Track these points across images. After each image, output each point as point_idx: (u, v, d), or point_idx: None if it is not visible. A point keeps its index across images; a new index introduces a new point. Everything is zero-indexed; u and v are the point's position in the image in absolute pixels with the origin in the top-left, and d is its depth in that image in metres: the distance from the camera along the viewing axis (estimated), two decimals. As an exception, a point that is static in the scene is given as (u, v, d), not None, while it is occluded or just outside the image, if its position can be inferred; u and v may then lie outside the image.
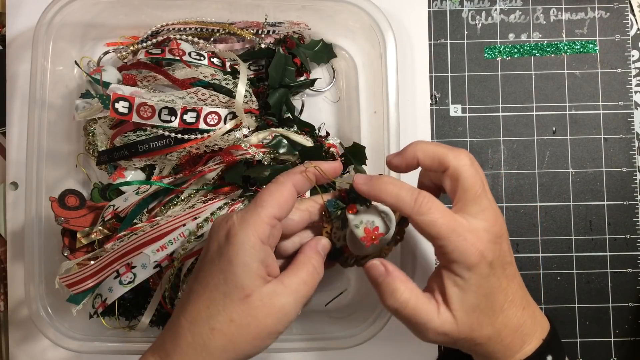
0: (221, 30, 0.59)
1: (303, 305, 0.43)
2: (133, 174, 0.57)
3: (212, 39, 0.60)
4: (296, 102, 0.61)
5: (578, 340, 0.62)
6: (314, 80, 0.61)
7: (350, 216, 0.45)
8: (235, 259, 0.40)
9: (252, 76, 0.59)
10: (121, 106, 0.52)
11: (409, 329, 0.44)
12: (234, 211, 0.48)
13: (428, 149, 0.45)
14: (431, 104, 0.63)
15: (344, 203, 0.46)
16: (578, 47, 0.64)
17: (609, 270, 0.62)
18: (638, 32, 0.64)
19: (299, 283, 0.42)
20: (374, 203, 0.46)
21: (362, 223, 0.45)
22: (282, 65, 0.58)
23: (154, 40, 0.58)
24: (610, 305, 0.62)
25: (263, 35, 0.59)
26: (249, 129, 0.56)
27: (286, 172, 0.45)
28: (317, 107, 0.62)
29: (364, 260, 0.48)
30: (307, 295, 0.43)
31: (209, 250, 0.42)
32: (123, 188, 0.57)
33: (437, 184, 0.48)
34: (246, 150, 0.54)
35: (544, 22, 0.64)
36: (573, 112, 0.63)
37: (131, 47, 0.58)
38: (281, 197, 0.42)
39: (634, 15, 0.64)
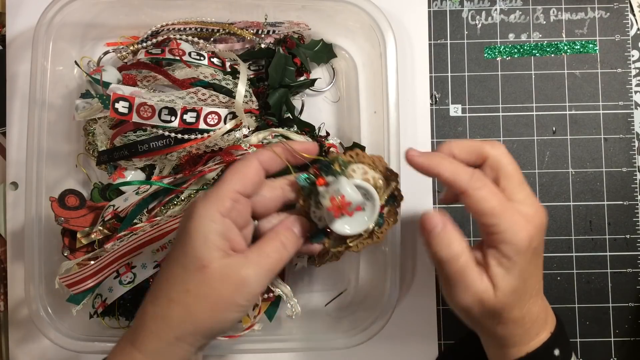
0: (221, 30, 0.59)
1: (268, 279, 0.42)
2: (133, 174, 0.57)
3: (212, 39, 0.60)
4: (296, 102, 0.61)
5: (578, 340, 0.62)
6: (314, 80, 0.61)
7: (320, 188, 0.44)
8: (193, 231, 0.40)
9: (252, 76, 0.59)
10: (121, 106, 0.52)
11: (445, 288, 0.44)
12: None
13: (463, 144, 0.45)
14: (431, 104, 0.63)
15: (313, 177, 0.45)
16: (578, 47, 0.64)
17: (609, 270, 0.62)
18: (638, 32, 0.64)
19: (261, 256, 0.42)
20: (353, 178, 0.45)
21: (329, 193, 0.43)
22: (282, 65, 0.58)
23: (154, 40, 0.58)
24: (610, 305, 0.62)
25: (263, 35, 0.59)
26: (249, 129, 0.56)
27: (256, 150, 0.45)
28: (317, 107, 0.62)
29: (341, 253, 0.47)
30: (271, 269, 0.42)
31: (177, 230, 0.43)
32: (123, 188, 0.57)
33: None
34: (246, 150, 0.54)
35: (544, 22, 0.64)
36: (573, 112, 0.63)
37: (131, 47, 0.58)
38: (245, 173, 0.43)
39: (634, 15, 0.64)
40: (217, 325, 0.41)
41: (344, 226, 0.45)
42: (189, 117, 0.53)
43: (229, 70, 0.58)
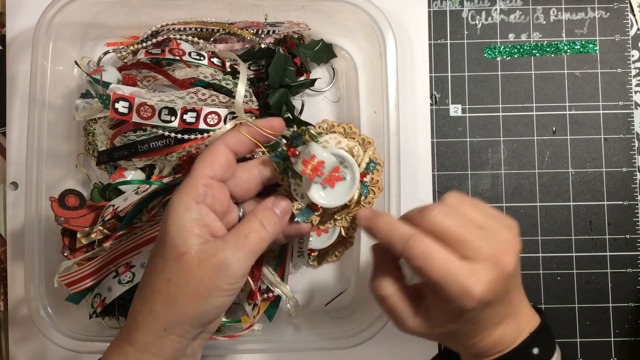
0: (221, 30, 0.59)
1: (249, 261, 0.41)
2: (133, 174, 0.57)
3: (212, 39, 0.59)
4: (296, 102, 0.61)
5: (578, 340, 0.62)
6: (314, 80, 0.61)
7: (293, 159, 0.43)
8: (169, 221, 0.40)
9: (252, 76, 0.59)
10: (121, 106, 0.52)
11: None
12: None
13: (393, 224, 0.43)
14: (431, 104, 0.63)
15: (285, 151, 0.44)
16: (578, 47, 0.64)
17: (609, 270, 0.62)
18: (638, 32, 0.64)
19: (239, 237, 0.41)
20: (329, 146, 0.44)
21: (300, 158, 0.42)
22: (282, 65, 0.58)
23: (154, 40, 0.58)
24: (610, 305, 0.62)
25: (263, 35, 0.59)
26: (248, 129, 0.56)
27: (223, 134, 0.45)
28: (317, 107, 0.62)
29: (340, 247, 0.48)
30: (250, 250, 0.41)
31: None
32: (123, 188, 0.57)
33: None
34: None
35: (544, 22, 0.64)
36: (573, 112, 0.63)
37: (131, 47, 0.58)
38: (213, 157, 0.43)
39: (634, 15, 0.64)
40: (202, 312, 0.41)
41: (321, 195, 0.44)
42: (189, 117, 0.53)
43: (229, 70, 0.58)
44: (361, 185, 0.45)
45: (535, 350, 0.43)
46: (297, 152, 0.43)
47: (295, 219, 0.45)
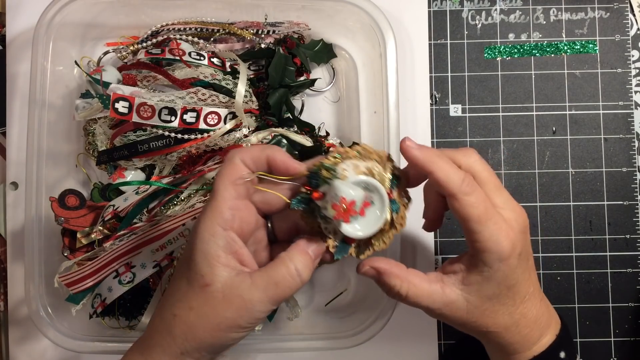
0: (221, 30, 0.59)
1: (273, 306, 0.40)
2: (133, 174, 0.57)
3: (212, 39, 0.60)
4: (296, 102, 0.61)
5: (578, 340, 0.62)
6: (314, 80, 0.61)
7: (319, 203, 0.41)
8: (196, 247, 0.40)
9: (252, 76, 0.59)
10: (121, 106, 0.52)
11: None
12: None
13: (436, 152, 0.44)
14: (431, 104, 0.63)
15: (308, 194, 0.41)
16: (578, 47, 0.64)
17: (609, 270, 0.62)
18: (638, 32, 0.64)
19: (270, 283, 0.40)
20: (347, 178, 0.41)
21: (329, 202, 0.40)
22: (282, 65, 0.58)
23: (154, 40, 0.58)
24: (610, 305, 0.62)
25: (263, 35, 0.59)
26: (249, 129, 0.56)
27: (240, 148, 0.43)
28: (317, 107, 0.62)
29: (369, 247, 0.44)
30: (278, 296, 0.40)
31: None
32: (123, 188, 0.57)
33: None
34: (246, 150, 0.54)
35: (544, 22, 0.64)
36: (573, 112, 0.63)
37: (131, 47, 0.58)
38: (232, 175, 0.41)
39: (634, 15, 0.64)
40: (219, 343, 0.40)
41: (355, 228, 0.41)
42: (189, 117, 0.53)
43: (229, 70, 0.58)
44: (390, 204, 0.43)
45: (562, 354, 0.45)
46: (322, 194, 0.41)
47: (335, 258, 0.43)
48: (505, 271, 0.42)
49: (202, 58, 0.57)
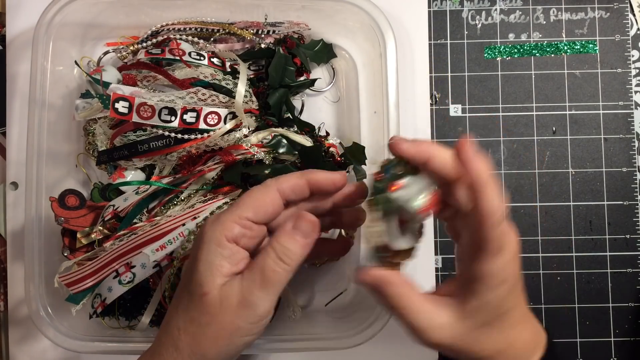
0: (221, 30, 0.59)
1: (271, 296, 0.40)
2: (133, 174, 0.57)
3: (212, 39, 0.60)
4: (296, 102, 0.61)
5: (578, 340, 0.62)
6: (314, 80, 0.61)
7: (398, 193, 0.38)
8: (200, 256, 0.40)
9: (252, 76, 0.59)
10: (121, 106, 0.52)
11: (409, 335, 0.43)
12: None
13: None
14: (431, 104, 0.63)
15: (381, 185, 0.39)
16: (578, 47, 0.64)
17: (609, 270, 0.62)
18: (638, 32, 0.64)
19: (256, 272, 0.40)
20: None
21: (422, 191, 0.37)
22: (282, 65, 0.58)
23: (154, 40, 0.58)
24: (610, 305, 0.62)
25: (263, 35, 0.59)
26: (249, 129, 0.56)
27: (277, 177, 0.43)
28: (317, 107, 0.62)
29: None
30: (266, 284, 0.40)
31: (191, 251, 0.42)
32: (123, 188, 0.57)
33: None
34: (247, 149, 0.54)
35: (544, 22, 0.64)
36: (573, 112, 0.63)
37: (131, 47, 0.58)
38: (260, 200, 0.41)
39: (634, 15, 0.64)
40: (225, 352, 0.40)
41: (406, 240, 0.41)
42: (189, 117, 0.53)
43: (229, 70, 0.58)
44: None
45: None
46: (403, 185, 0.38)
47: (378, 262, 0.42)
48: (500, 298, 0.40)
49: (202, 58, 0.57)
